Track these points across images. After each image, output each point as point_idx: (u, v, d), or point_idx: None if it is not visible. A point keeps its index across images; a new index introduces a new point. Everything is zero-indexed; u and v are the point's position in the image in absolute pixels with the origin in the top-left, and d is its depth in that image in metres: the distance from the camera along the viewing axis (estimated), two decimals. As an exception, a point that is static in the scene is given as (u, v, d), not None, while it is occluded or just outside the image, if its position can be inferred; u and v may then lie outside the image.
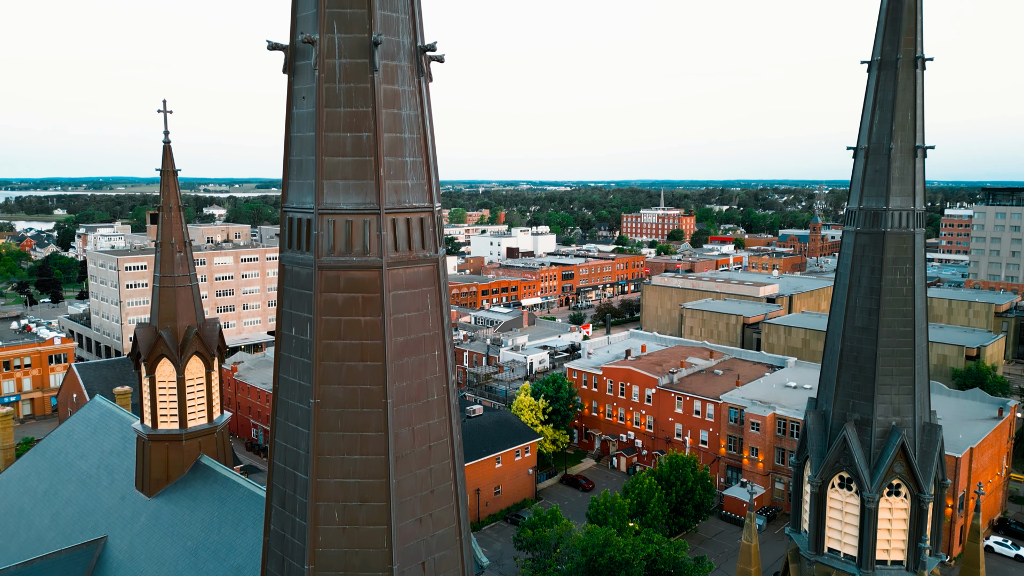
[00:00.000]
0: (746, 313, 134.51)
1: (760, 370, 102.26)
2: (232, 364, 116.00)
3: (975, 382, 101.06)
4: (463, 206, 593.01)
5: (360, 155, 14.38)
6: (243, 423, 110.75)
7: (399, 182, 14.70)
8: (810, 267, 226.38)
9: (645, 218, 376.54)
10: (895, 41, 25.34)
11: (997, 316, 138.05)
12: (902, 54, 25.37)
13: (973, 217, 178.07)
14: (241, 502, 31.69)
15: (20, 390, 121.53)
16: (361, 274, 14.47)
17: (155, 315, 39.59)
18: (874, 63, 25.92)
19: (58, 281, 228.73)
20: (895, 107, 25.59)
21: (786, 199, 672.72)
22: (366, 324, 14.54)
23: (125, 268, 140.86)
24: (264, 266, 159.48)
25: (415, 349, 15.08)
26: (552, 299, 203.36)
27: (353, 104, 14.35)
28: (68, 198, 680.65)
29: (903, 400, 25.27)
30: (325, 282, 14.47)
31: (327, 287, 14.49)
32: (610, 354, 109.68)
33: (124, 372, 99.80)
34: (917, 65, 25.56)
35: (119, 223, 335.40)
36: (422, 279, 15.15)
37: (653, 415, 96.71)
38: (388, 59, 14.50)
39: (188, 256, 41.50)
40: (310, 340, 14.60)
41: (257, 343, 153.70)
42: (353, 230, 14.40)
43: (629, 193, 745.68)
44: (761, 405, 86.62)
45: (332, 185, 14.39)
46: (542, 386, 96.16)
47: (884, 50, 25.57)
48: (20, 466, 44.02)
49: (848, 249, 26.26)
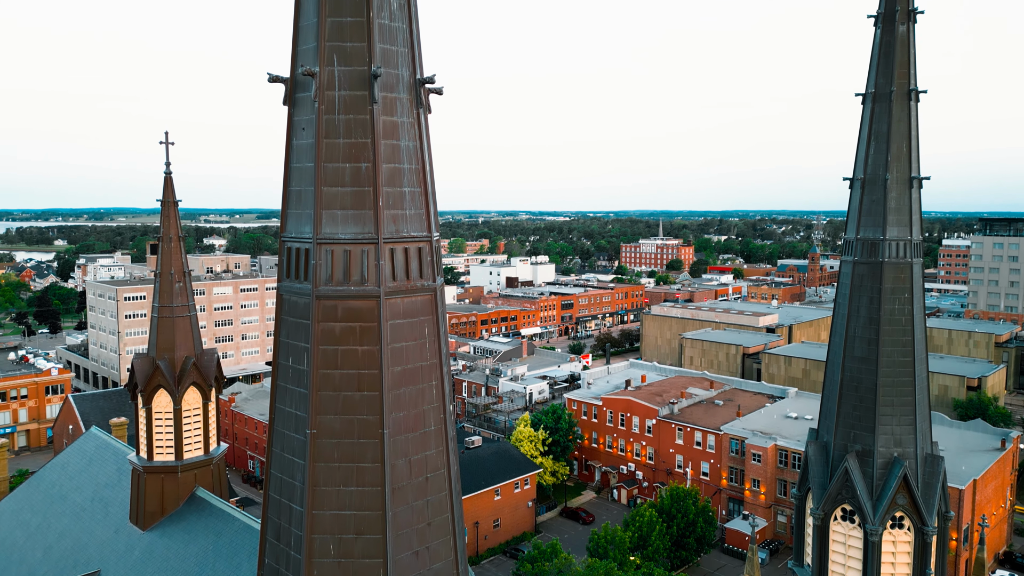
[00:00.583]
0: (746, 343, 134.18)
1: (761, 400, 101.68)
2: (230, 395, 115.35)
3: (977, 413, 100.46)
4: (462, 236, 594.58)
5: (359, 185, 14.48)
6: (240, 455, 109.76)
7: (398, 212, 14.78)
8: (809, 297, 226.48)
9: (644, 248, 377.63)
10: (888, 74, 25.68)
11: (997, 346, 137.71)
12: (896, 87, 25.69)
13: (971, 248, 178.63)
14: (236, 535, 31.25)
15: (16, 421, 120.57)
16: (359, 303, 14.47)
17: (153, 345, 39.46)
18: (868, 95, 26.25)
19: (57, 312, 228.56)
20: (890, 139, 25.84)
21: (784, 229, 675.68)
22: (363, 354, 14.49)
23: (124, 298, 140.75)
24: (263, 296, 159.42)
25: (412, 379, 15.00)
26: (552, 329, 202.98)
27: (352, 135, 14.49)
28: (69, 229, 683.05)
29: (905, 431, 25.09)
30: (323, 311, 14.45)
31: (325, 316, 14.47)
32: (610, 384, 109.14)
33: (121, 403, 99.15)
34: (911, 97, 25.86)
35: (119, 253, 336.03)
36: (420, 308, 15.13)
37: (654, 446, 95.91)
38: (387, 91, 14.67)
39: (187, 286, 41.49)
40: (307, 370, 14.54)
41: (255, 373, 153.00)
42: (351, 259, 14.43)
43: (628, 223, 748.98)
44: (762, 436, 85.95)
45: (331, 215, 14.46)
46: (541, 416, 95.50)
47: (878, 83, 25.91)
48: (14, 499, 43.49)
49: (846, 279, 26.31)
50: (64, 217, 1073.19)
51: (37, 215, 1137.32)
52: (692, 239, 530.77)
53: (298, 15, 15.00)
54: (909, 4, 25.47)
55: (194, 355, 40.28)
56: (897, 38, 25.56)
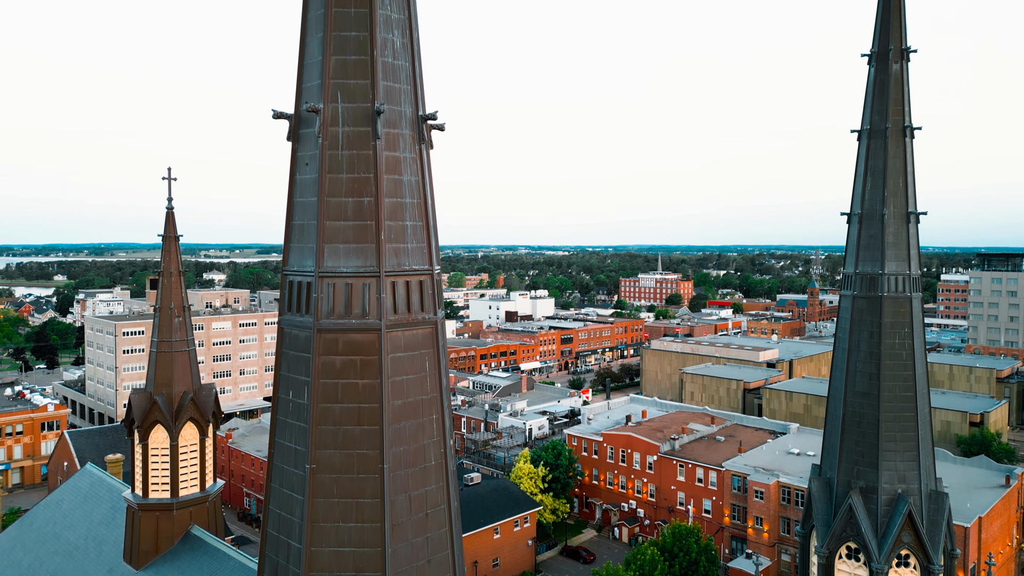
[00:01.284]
0: (746, 378, 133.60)
1: (762, 436, 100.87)
2: (227, 431, 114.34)
3: (980, 448, 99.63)
4: (462, 270, 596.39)
5: (361, 219, 14.60)
6: (236, 491, 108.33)
7: (399, 245, 14.88)
8: (809, 332, 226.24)
9: (643, 282, 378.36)
10: (883, 111, 26.03)
11: (999, 382, 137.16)
12: (891, 124, 26.02)
13: (970, 283, 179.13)
14: (231, 575, 30.76)
15: (10, 458, 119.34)
16: (360, 336, 14.47)
17: (151, 380, 39.28)
18: (864, 132, 26.58)
19: (54, 347, 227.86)
20: (886, 174, 26.09)
21: (783, 264, 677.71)
22: (364, 387, 14.45)
23: (123, 333, 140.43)
24: (262, 331, 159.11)
25: (412, 413, 14.93)
26: (551, 363, 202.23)
27: (355, 170, 14.66)
28: (69, 264, 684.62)
29: (908, 467, 24.85)
30: (323, 345, 14.45)
31: (325, 350, 14.46)
32: (610, 420, 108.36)
33: (117, 439, 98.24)
34: (906, 134, 26.18)
35: (118, 288, 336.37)
36: (421, 341, 15.13)
37: (655, 483, 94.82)
38: (390, 127, 14.89)
39: (187, 321, 41.40)
40: (307, 404, 14.47)
41: (253, 409, 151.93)
42: (353, 293, 14.48)
43: (627, 258, 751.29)
44: (764, 473, 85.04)
45: (333, 249, 14.55)
46: (541, 453, 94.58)
47: (873, 120, 26.23)
48: (6, 536, 42.86)
49: (846, 313, 26.32)
50: (64, 252, 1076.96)
51: (37, 250, 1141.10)
52: (691, 273, 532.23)
53: (303, 53, 15.30)
54: (902, 43, 25.95)
55: (192, 390, 40.06)
56: (891, 76, 25.98)
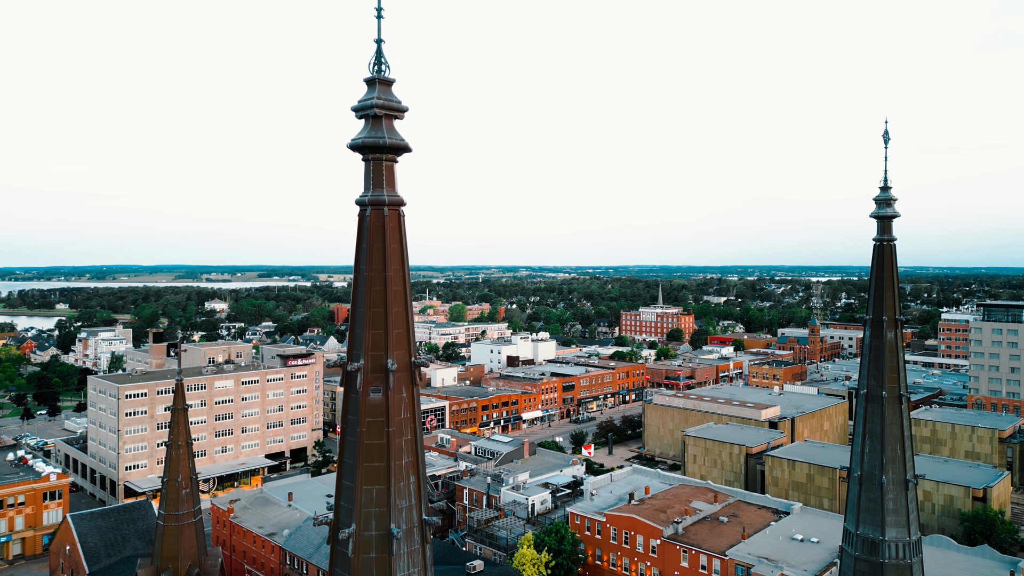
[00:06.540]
0: (748, 442, 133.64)
1: (765, 516, 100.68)
2: (228, 504, 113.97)
3: (984, 527, 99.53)
4: (463, 297, 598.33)
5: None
6: (237, 568, 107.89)
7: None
8: (810, 375, 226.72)
9: (644, 316, 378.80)
10: (879, 377, 26.49)
11: (1001, 442, 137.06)
12: (887, 391, 26.48)
13: (971, 332, 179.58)
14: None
15: (12, 529, 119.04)
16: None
17: (157, 554, 39.59)
18: (861, 396, 27.04)
19: (56, 392, 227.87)
20: (884, 441, 26.50)
21: (783, 290, 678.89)
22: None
23: (125, 396, 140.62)
24: (264, 388, 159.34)
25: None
26: (553, 412, 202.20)
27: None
28: (71, 291, 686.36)
29: None
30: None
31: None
32: (613, 495, 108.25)
33: (120, 523, 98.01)
34: (901, 401, 26.64)
35: (120, 326, 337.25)
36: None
37: (658, 567, 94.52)
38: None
39: (194, 492, 41.81)
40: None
41: (256, 468, 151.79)
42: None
43: (627, 283, 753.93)
44: (768, 564, 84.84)
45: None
46: (544, 537, 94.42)
47: (870, 384, 26.69)
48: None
49: (848, 572, 26.57)
50: (66, 277, 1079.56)
51: (40, 274, 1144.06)
52: (692, 301, 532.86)
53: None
54: (895, 312, 26.44)
55: (198, 564, 40.38)
56: (886, 344, 26.45)
